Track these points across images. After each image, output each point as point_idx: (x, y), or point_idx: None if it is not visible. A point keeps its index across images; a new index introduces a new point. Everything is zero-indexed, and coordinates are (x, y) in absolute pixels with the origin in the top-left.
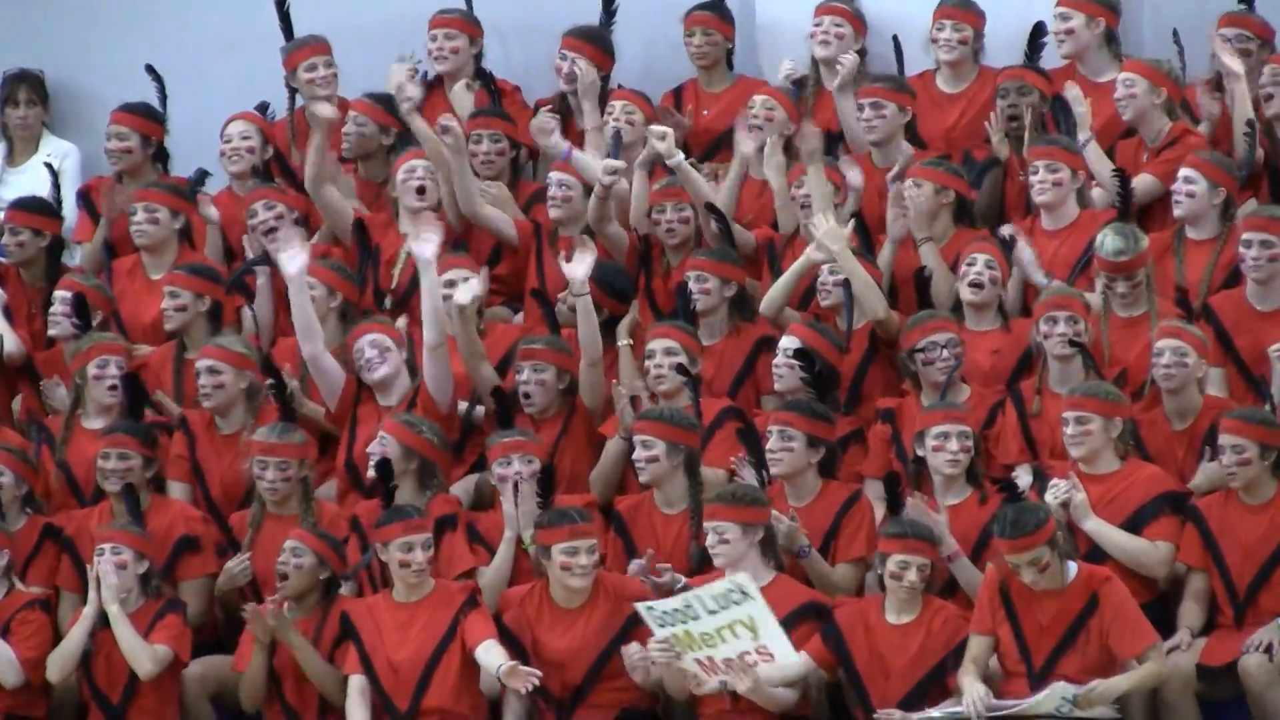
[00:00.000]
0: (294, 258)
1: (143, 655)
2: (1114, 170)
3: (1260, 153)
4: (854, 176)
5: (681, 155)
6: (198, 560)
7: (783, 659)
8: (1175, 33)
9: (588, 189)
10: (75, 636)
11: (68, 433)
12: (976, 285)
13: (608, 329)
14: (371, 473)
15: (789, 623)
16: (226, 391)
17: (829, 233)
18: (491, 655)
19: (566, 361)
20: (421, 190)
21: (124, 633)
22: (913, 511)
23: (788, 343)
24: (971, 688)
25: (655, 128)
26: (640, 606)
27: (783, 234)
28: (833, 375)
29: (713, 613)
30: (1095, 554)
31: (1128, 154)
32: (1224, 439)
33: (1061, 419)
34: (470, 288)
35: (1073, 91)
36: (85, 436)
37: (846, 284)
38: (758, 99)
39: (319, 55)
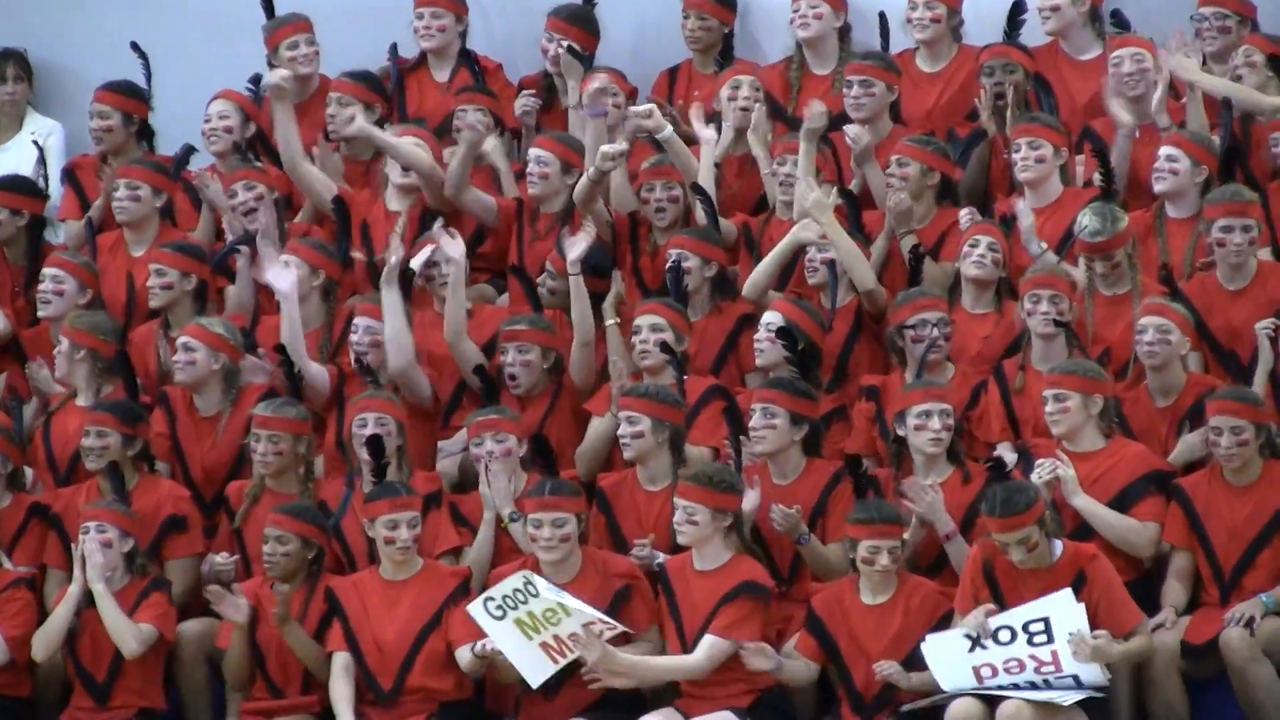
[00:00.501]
0: (280, 275)
1: (128, 634)
2: (1094, 151)
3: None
4: (856, 131)
5: (670, 128)
6: (184, 539)
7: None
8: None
9: (565, 166)
10: (60, 615)
11: (55, 410)
12: (979, 264)
13: (591, 307)
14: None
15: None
16: (198, 370)
17: (816, 202)
18: (465, 660)
19: (550, 340)
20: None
21: (109, 611)
22: (909, 490)
23: (771, 318)
24: (973, 613)
25: (638, 106)
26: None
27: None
28: (815, 352)
29: (533, 584)
30: (1081, 531)
31: (1106, 135)
32: (1219, 420)
33: (1042, 397)
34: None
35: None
36: (74, 414)
37: (831, 264)
38: (744, 80)
39: (301, 33)
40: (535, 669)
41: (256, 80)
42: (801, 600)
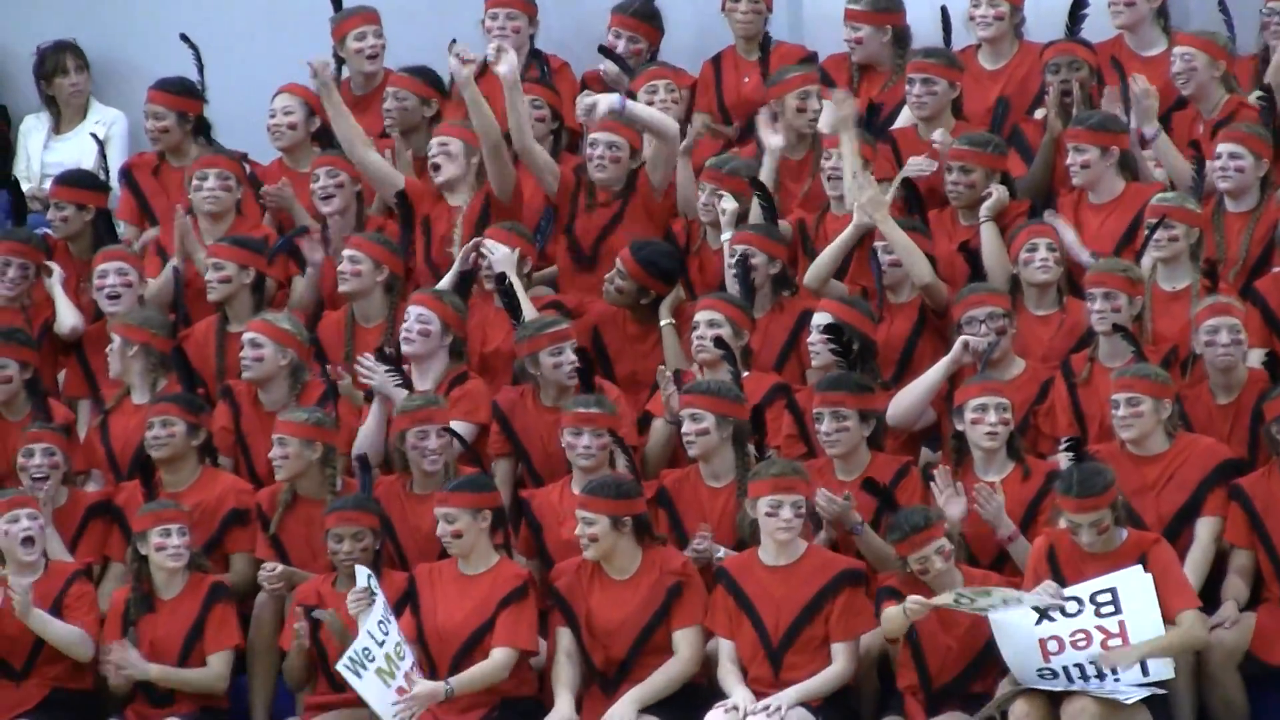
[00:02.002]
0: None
1: (207, 679)
2: (1193, 162)
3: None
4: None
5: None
6: (246, 534)
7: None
8: (1223, 4)
9: (633, 151)
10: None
11: (111, 408)
12: (1044, 269)
13: (651, 309)
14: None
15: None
16: (265, 366)
17: (872, 200)
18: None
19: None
20: (436, 167)
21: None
22: (978, 496)
23: (818, 319)
24: (1040, 586)
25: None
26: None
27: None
28: (868, 346)
29: (381, 623)
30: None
31: (1182, 126)
32: None
33: (1112, 401)
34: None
35: (1140, 85)
36: (131, 412)
37: (874, 254)
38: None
39: (369, 25)
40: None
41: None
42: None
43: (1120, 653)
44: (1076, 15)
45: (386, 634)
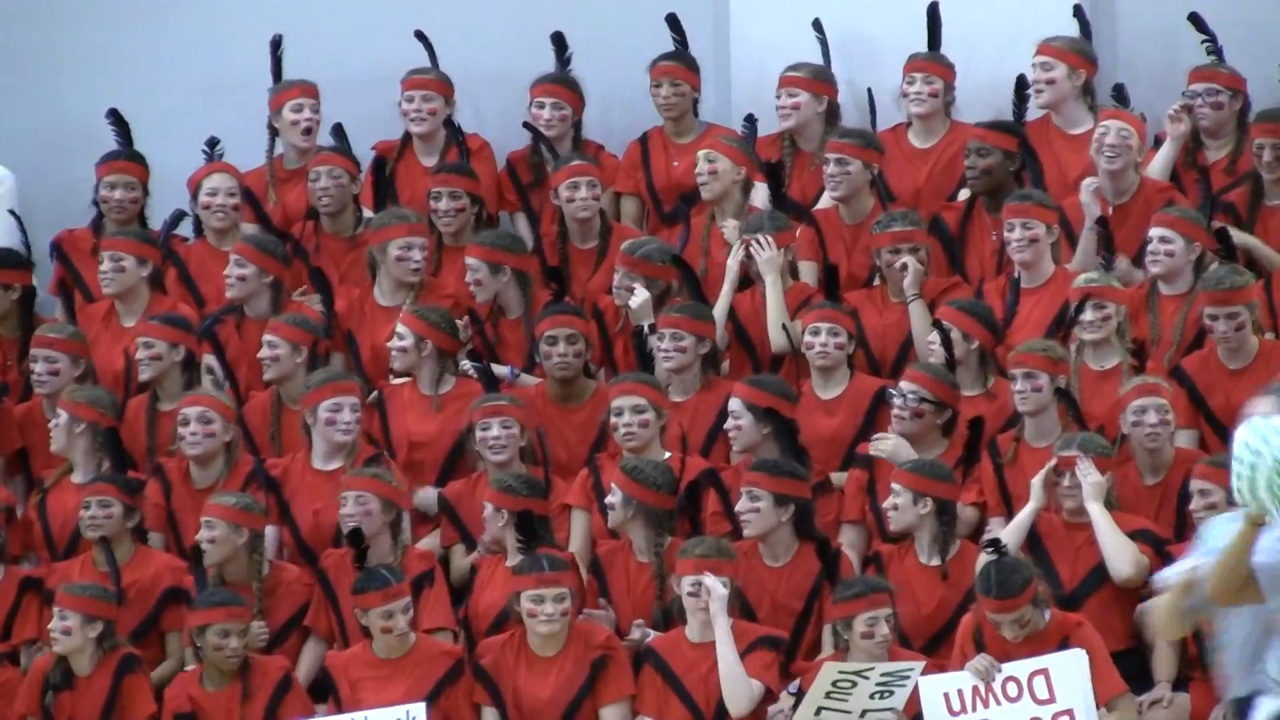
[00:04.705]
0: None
1: None
2: (1100, 239)
3: None
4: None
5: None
6: (182, 612)
7: None
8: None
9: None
10: None
11: (50, 486)
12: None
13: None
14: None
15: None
16: (216, 441)
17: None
18: None
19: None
20: (417, 269)
21: None
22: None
23: (735, 405)
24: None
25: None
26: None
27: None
28: (790, 428)
29: None
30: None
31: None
32: (1195, 484)
33: (1055, 471)
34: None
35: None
36: (70, 490)
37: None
38: (699, 154)
39: (307, 98)
40: None
41: (213, 144)
42: None
43: None
44: (1022, 94)
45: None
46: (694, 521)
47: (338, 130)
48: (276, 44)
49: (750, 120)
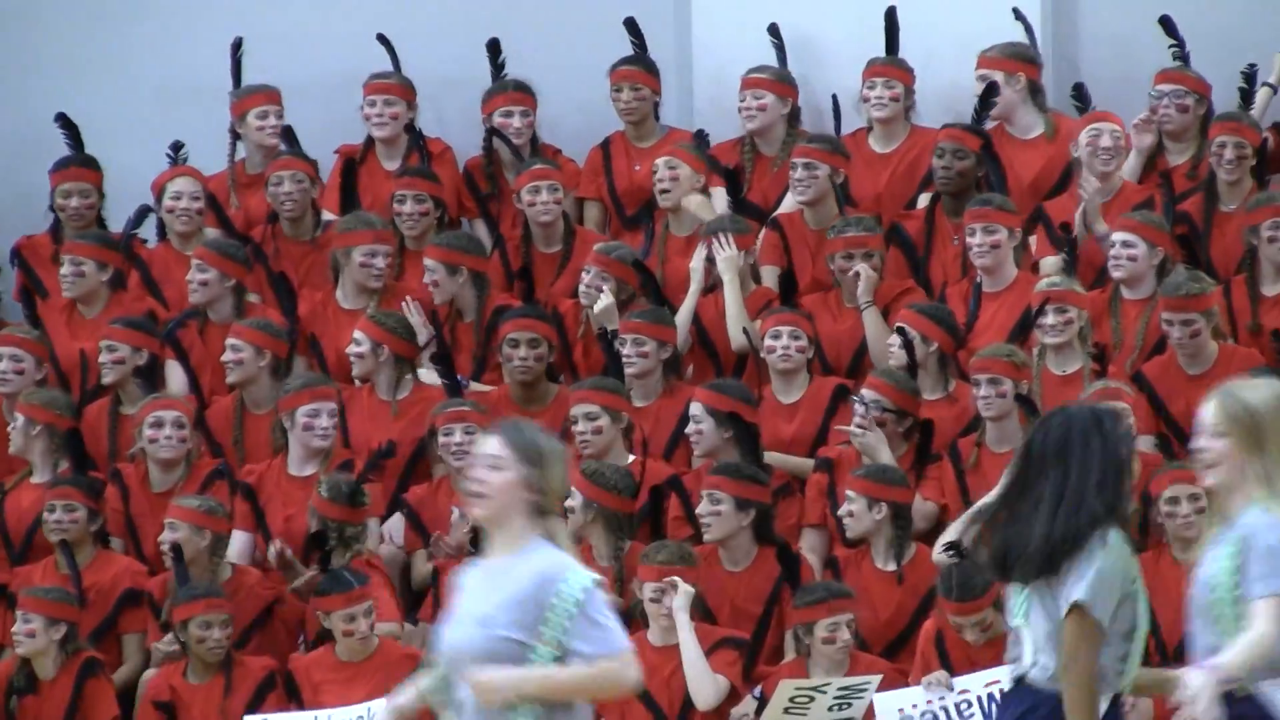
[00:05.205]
0: None
1: None
2: (1061, 225)
3: None
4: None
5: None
6: (140, 614)
7: None
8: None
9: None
10: None
11: (10, 488)
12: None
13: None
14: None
15: None
16: (187, 445)
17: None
18: None
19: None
20: (379, 276)
21: None
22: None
23: (696, 410)
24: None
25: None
26: None
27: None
28: (751, 431)
29: None
30: None
31: (1060, 212)
32: (1176, 490)
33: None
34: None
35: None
36: (28, 491)
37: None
38: (659, 162)
39: (272, 104)
40: None
41: (178, 148)
42: None
43: None
44: (987, 102)
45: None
46: (655, 526)
47: (287, 134)
48: (237, 46)
49: (701, 135)
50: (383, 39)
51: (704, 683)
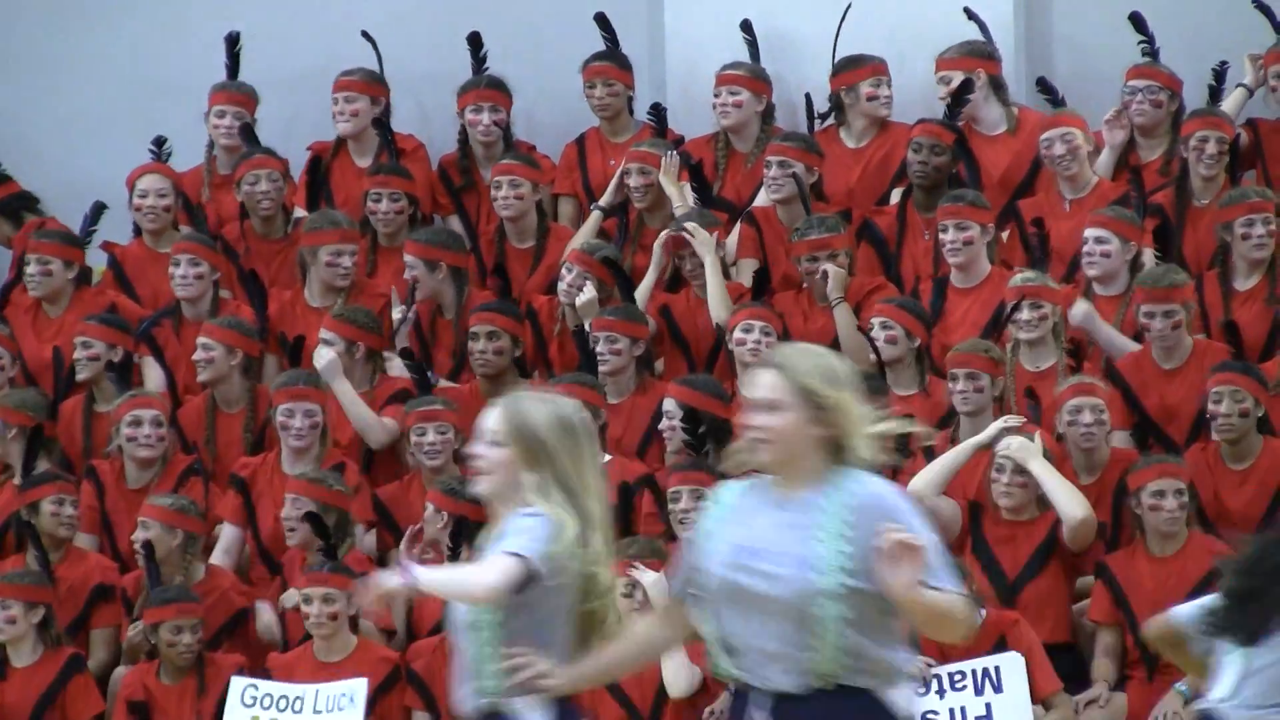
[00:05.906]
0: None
1: None
2: (1035, 239)
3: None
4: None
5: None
6: (111, 610)
7: None
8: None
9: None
10: None
11: None
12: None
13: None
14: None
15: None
16: (166, 444)
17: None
18: None
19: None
20: (346, 275)
21: None
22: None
23: (670, 405)
24: None
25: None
26: None
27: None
28: (722, 428)
29: None
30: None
31: (1031, 210)
32: (1162, 484)
33: (996, 465)
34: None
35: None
36: (9, 491)
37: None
38: (632, 166)
39: (232, 104)
40: None
41: (160, 143)
42: None
43: None
44: (960, 99)
45: None
46: (626, 523)
47: (246, 132)
48: (233, 41)
49: (657, 108)
50: (367, 35)
51: (680, 673)
